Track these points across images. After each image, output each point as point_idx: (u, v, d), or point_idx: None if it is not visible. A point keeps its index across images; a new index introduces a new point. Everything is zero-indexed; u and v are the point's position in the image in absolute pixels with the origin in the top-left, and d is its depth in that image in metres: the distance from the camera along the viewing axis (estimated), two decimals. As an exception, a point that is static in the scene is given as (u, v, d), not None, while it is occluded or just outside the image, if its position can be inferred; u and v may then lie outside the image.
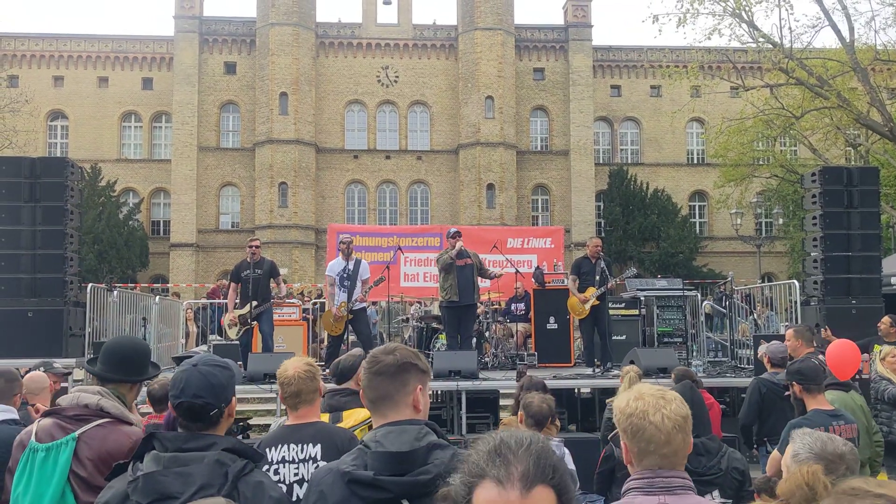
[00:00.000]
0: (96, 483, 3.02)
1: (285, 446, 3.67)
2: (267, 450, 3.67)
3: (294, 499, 3.54)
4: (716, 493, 3.79)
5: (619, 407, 2.36)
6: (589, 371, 11.33)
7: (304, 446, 3.65)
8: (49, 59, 44.49)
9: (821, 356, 6.94)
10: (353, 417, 4.27)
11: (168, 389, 2.79)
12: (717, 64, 33.23)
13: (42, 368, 6.42)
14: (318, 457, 3.64)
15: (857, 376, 7.33)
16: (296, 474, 3.61)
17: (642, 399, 2.31)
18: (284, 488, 3.56)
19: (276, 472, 3.62)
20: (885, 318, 10.38)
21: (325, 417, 4.38)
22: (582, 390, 11.74)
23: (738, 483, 3.83)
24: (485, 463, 1.64)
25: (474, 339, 12.93)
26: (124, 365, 3.48)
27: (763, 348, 7.86)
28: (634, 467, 2.33)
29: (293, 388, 3.75)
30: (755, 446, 7.39)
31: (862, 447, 5.55)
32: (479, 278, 11.94)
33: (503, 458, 1.63)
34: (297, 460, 3.63)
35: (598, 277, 11.16)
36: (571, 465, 4.79)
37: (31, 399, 5.37)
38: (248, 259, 11.32)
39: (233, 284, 11.39)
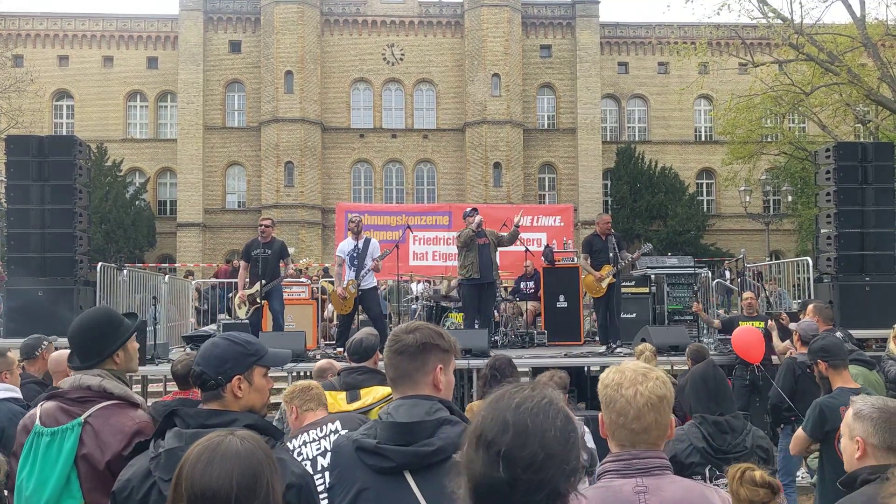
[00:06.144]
0: (100, 467, 2.96)
1: (305, 433, 3.80)
2: (288, 443, 3.73)
3: (319, 468, 3.61)
4: None
5: (601, 378, 2.38)
6: (600, 349, 11.29)
7: (324, 427, 3.76)
8: (54, 38, 44.24)
9: (839, 333, 6.89)
10: (371, 395, 4.24)
11: (188, 369, 2.79)
12: (725, 40, 32.95)
13: (45, 343, 6.16)
14: (339, 429, 3.69)
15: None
16: (318, 448, 3.68)
17: (622, 373, 2.33)
18: (309, 463, 3.63)
19: (300, 454, 3.70)
20: (747, 294, 10.71)
21: (343, 395, 4.37)
22: (592, 368, 11.70)
23: (763, 461, 3.80)
24: None
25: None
26: (91, 345, 3.24)
27: (794, 326, 7.79)
28: (610, 443, 2.34)
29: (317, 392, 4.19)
30: (781, 425, 7.42)
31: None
32: (500, 253, 11.83)
33: None
34: (317, 438, 3.71)
35: (611, 254, 10.99)
36: (591, 444, 4.76)
37: (59, 381, 4.99)
38: (259, 238, 11.29)
39: (243, 263, 11.34)
